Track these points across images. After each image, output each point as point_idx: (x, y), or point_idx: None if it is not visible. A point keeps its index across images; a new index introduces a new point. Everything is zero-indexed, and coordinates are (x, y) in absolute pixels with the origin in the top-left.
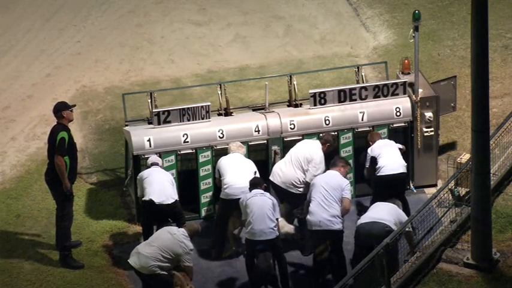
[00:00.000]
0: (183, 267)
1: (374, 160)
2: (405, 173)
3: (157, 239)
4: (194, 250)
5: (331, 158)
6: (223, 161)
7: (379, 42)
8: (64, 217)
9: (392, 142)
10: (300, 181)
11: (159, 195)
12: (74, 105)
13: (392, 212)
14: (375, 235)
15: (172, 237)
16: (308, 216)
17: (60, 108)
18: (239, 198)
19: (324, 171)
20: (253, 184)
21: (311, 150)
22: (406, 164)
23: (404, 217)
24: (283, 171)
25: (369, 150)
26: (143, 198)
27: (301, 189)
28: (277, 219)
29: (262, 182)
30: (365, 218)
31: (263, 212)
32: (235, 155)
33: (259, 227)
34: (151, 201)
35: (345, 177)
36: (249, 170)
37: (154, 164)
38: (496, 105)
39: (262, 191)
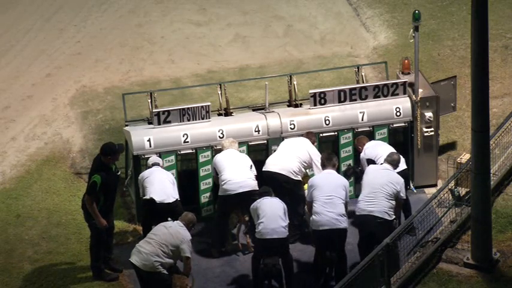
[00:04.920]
0: (182, 258)
1: (372, 162)
2: (407, 169)
3: (154, 235)
4: (194, 251)
5: None
6: (218, 158)
7: (379, 42)
8: (91, 241)
9: (381, 141)
10: (298, 169)
11: (160, 194)
12: (123, 148)
13: (386, 190)
14: (371, 227)
15: (168, 230)
16: (313, 217)
17: (108, 153)
18: (238, 194)
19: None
20: (262, 193)
21: (305, 147)
22: (404, 159)
23: (400, 180)
24: (281, 160)
25: (362, 154)
26: (144, 197)
27: (299, 177)
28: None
29: (271, 191)
30: (358, 210)
31: (275, 212)
32: (229, 151)
33: (272, 226)
34: (152, 200)
35: None
36: (245, 164)
37: (155, 164)
38: (496, 105)
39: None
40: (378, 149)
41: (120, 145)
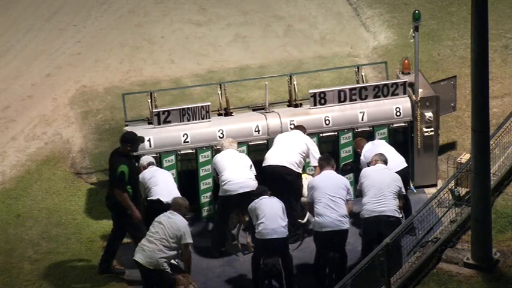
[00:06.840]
0: (182, 247)
1: None
2: (408, 167)
3: (154, 232)
4: (194, 251)
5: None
6: (218, 158)
7: (379, 42)
8: (117, 238)
9: (381, 141)
10: (299, 161)
11: (167, 195)
12: (143, 139)
13: (392, 190)
14: (382, 227)
15: (163, 224)
16: (316, 218)
17: (128, 141)
18: (238, 194)
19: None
20: (259, 193)
21: (302, 138)
22: (404, 158)
23: (399, 178)
24: (281, 153)
25: (362, 157)
26: (149, 198)
27: (300, 170)
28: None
29: (268, 190)
30: (368, 212)
31: (274, 212)
32: (229, 151)
33: (272, 226)
34: (159, 201)
35: None
36: (244, 164)
37: (150, 163)
38: (496, 105)
39: (269, 196)
40: (377, 150)
41: (141, 136)
